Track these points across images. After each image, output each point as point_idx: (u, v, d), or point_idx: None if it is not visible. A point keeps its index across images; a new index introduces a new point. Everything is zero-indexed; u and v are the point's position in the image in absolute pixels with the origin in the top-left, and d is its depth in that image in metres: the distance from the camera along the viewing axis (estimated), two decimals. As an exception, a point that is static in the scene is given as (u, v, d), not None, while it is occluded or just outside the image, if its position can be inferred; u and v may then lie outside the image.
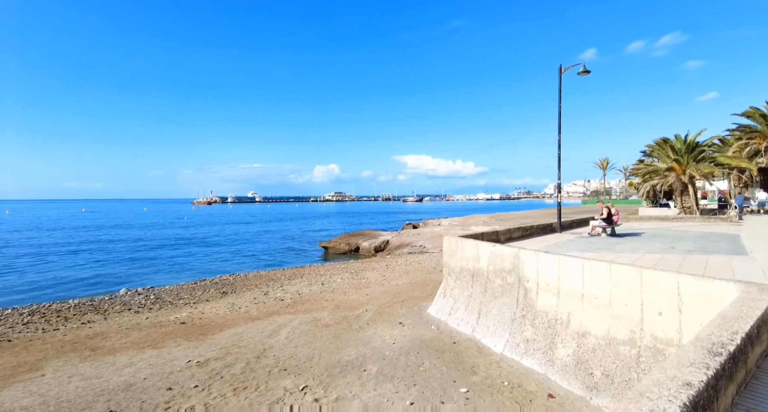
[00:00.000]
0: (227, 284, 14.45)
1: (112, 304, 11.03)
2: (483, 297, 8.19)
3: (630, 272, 5.47)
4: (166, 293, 12.78)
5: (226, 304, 10.81)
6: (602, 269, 5.84)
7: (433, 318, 9.01)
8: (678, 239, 12.58)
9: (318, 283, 13.75)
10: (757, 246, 10.59)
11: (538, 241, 12.08)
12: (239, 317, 9.36)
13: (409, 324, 8.63)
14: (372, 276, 14.79)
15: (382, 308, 9.76)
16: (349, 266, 18.37)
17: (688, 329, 4.80)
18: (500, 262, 7.87)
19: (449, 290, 9.27)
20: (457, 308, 8.73)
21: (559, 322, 6.49)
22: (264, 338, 7.57)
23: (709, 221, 19.06)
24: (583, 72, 13.93)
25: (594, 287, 5.97)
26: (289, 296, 11.70)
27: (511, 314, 7.39)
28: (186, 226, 56.83)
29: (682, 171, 25.04)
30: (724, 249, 10.09)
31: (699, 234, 13.93)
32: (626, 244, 11.28)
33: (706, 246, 10.72)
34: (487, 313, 7.92)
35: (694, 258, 8.70)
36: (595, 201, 67.86)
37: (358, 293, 11.70)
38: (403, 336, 7.89)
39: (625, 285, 5.52)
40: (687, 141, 25.47)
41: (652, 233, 14.53)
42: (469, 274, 8.76)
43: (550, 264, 6.72)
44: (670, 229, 15.99)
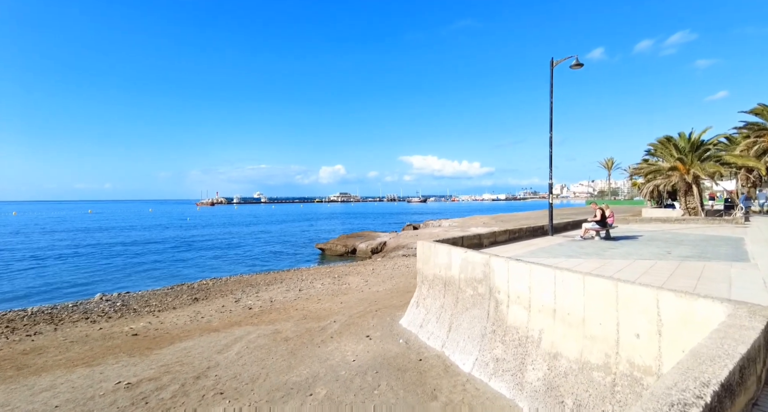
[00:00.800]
0: (203, 290, 13.84)
1: (72, 312, 10.45)
2: (454, 308, 7.47)
3: (605, 286, 4.74)
4: (136, 300, 12.20)
5: (191, 312, 10.19)
6: (575, 281, 5.11)
7: (404, 330, 8.31)
8: (676, 242, 11.76)
9: (296, 289, 13.10)
10: (761, 251, 9.76)
11: (524, 245, 11.33)
12: (198, 327, 8.72)
13: (377, 337, 7.94)
14: (354, 281, 14.11)
15: (352, 319, 9.07)
16: (335, 270, 17.69)
17: (668, 355, 4.06)
18: (471, 270, 7.15)
19: (422, 300, 8.56)
20: (429, 319, 8.02)
21: (530, 340, 5.76)
22: (213, 354, 6.92)
23: (713, 223, 18.15)
24: (576, 65, 13.15)
25: (566, 302, 5.24)
26: (260, 304, 11.06)
27: (481, 329, 6.67)
28: (187, 227, 56.54)
29: (685, 170, 24.10)
30: (725, 255, 9.28)
31: (700, 237, 13.09)
32: (619, 248, 10.50)
33: (706, 251, 9.91)
34: (458, 326, 7.20)
35: (689, 265, 7.92)
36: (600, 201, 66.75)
37: (333, 300, 11.03)
38: (367, 352, 7.20)
39: (600, 301, 4.79)
40: (691, 139, 24.52)
41: (650, 236, 13.71)
42: (441, 282, 8.05)
43: (521, 274, 6.00)
44: (671, 231, 15.14)
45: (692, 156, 23.99)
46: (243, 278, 16.23)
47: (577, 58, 13.15)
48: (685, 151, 24.35)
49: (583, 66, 13.19)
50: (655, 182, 26.88)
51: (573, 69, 13.32)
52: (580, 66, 13.19)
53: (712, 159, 24.53)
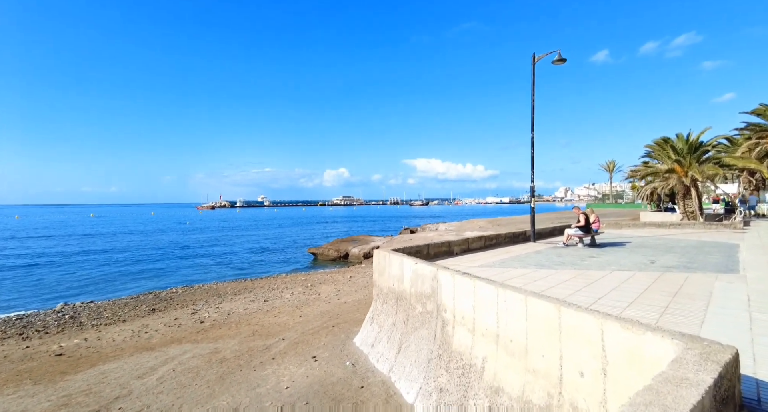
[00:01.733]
0: (166, 299, 13.13)
1: (11, 326, 9.75)
2: (405, 327, 6.69)
3: (547, 310, 3.96)
4: (91, 311, 11.50)
5: (138, 326, 9.47)
6: (517, 303, 4.34)
7: (356, 350, 7.54)
8: (666, 250, 10.92)
9: (261, 300, 12.35)
10: (754, 261, 8.91)
11: (499, 252, 10.53)
12: (134, 345, 8.00)
13: (324, 358, 7.17)
14: (326, 291, 13.35)
15: (304, 336, 8.30)
16: (310, 277, 16.94)
17: (613, 401, 3.27)
18: (421, 283, 6.38)
19: (376, 316, 7.79)
20: (381, 338, 7.25)
21: (473, 369, 4.97)
22: (131, 380, 6.19)
23: (711, 228, 17.25)
24: (558, 60, 12.39)
25: (509, 327, 4.46)
26: (215, 317, 10.32)
27: (428, 352, 5.89)
28: (184, 231, 56.01)
29: (683, 173, 23.18)
30: (714, 264, 8.44)
31: (693, 244, 12.23)
32: (600, 257, 9.68)
33: (694, 260, 9.07)
34: (407, 348, 6.42)
35: (670, 278, 7.10)
36: (601, 205, 65.46)
37: (293, 314, 10.27)
38: (306, 377, 6.43)
39: (542, 328, 4.01)
40: (689, 140, 23.60)
41: (639, 242, 12.86)
42: (394, 297, 7.28)
43: (466, 290, 5.22)
44: (664, 237, 14.28)
45: (690, 158, 23.08)
46: (214, 287, 15.52)
47: (560, 53, 12.39)
48: (683, 153, 23.45)
49: (565, 61, 12.42)
50: (653, 185, 25.97)
51: (555, 65, 12.56)
52: (562, 61, 12.43)
53: (712, 161, 23.60)
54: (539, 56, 12.79)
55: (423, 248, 9.20)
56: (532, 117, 12.91)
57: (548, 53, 12.64)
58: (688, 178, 22.76)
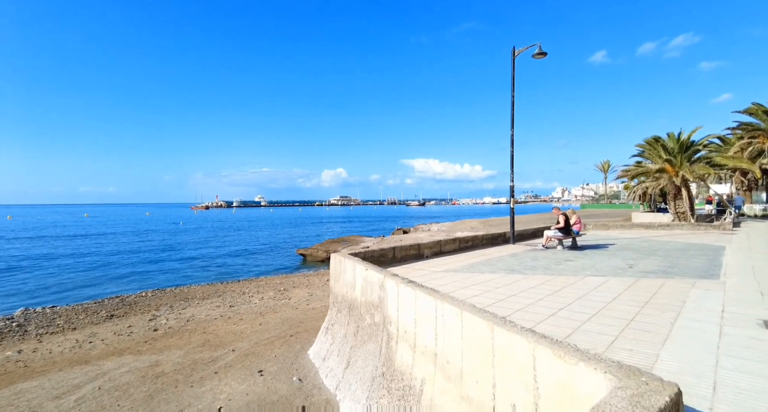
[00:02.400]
0: (129, 304, 12.54)
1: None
2: (355, 339, 6.14)
3: (481, 329, 3.42)
4: (43, 318, 10.89)
5: (85, 335, 8.88)
6: (453, 318, 3.80)
7: (308, 363, 6.98)
8: (648, 253, 10.41)
9: (227, 305, 11.78)
10: (737, 264, 8.40)
11: (473, 255, 10.00)
12: (69, 358, 7.42)
13: (272, 372, 6.61)
14: (297, 295, 12.78)
15: (257, 346, 7.74)
16: (286, 280, 16.38)
17: (544, 443, 2.74)
18: (370, 292, 5.83)
19: (331, 325, 7.24)
20: (332, 351, 6.69)
21: (413, 392, 4.42)
22: (46, 401, 5.62)
23: (700, 229, 16.77)
24: (538, 54, 11.87)
25: (447, 346, 3.92)
26: (172, 324, 9.74)
27: (373, 369, 5.34)
28: (175, 232, 55.23)
29: (674, 172, 22.70)
30: (695, 269, 7.92)
31: (678, 246, 11.73)
32: (577, 260, 9.15)
33: (675, 264, 8.55)
34: (355, 363, 5.87)
35: (645, 284, 6.58)
36: (596, 205, 65.08)
37: (255, 321, 9.70)
38: (246, 394, 5.87)
39: (476, 348, 3.47)
40: (680, 139, 23.14)
41: (623, 244, 12.35)
42: (347, 305, 6.73)
43: (409, 301, 4.68)
44: (650, 239, 13.78)
45: (681, 157, 22.62)
46: (185, 290, 14.93)
47: (540, 47, 11.87)
48: (673, 153, 22.99)
49: (546, 55, 11.91)
50: (644, 185, 25.51)
51: (535, 58, 12.04)
52: (543, 55, 11.91)
53: (703, 161, 23.14)
54: (519, 50, 12.27)
55: (388, 251, 8.65)
56: (512, 114, 12.40)
57: (528, 47, 12.13)
58: (679, 178, 22.29)
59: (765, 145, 28.51)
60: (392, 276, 5.37)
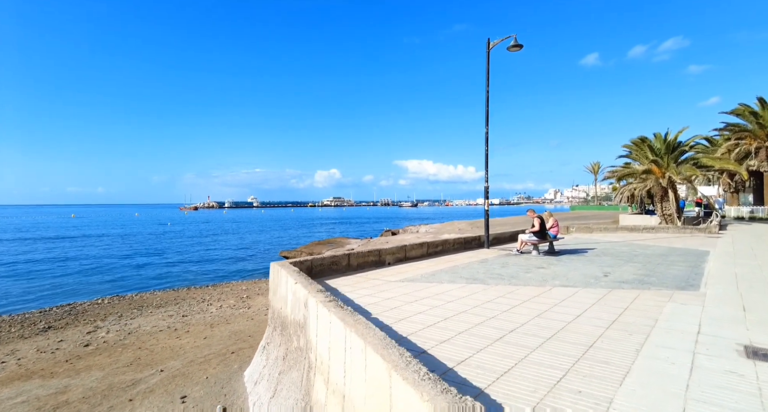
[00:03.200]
0: (77, 313, 11.64)
1: None
2: (283, 364, 5.35)
3: (379, 371, 2.65)
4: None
5: (4, 353, 7.99)
6: (358, 352, 3.03)
7: (240, 387, 6.19)
8: (628, 259, 9.74)
9: (180, 314, 10.93)
10: (720, 272, 7.73)
11: (440, 261, 9.25)
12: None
13: (195, 399, 5.81)
14: (258, 303, 11.96)
15: (191, 366, 6.93)
16: (253, 286, 15.52)
17: None
18: (298, 310, 5.06)
19: (268, 344, 6.44)
20: (264, 375, 5.89)
21: (323, 437, 3.65)
22: None
23: (685, 232, 16.19)
24: (514, 47, 11.18)
25: (353, 387, 3.15)
26: (111, 337, 8.89)
27: (294, 402, 4.55)
28: (160, 235, 53.85)
29: (661, 174, 22.17)
30: (674, 277, 7.24)
31: (660, 251, 11.09)
32: (549, 268, 8.44)
33: (653, 272, 7.87)
34: (280, 392, 5.08)
35: (616, 298, 5.87)
36: (585, 207, 64.80)
37: (201, 334, 8.87)
38: (155, 426, 5.06)
39: (376, 395, 2.71)
40: (667, 140, 22.62)
41: (603, 249, 11.68)
42: (281, 323, 5.94)
43: (324, 325, 3.91)
44: (632, 243, 13.14)
45: (668, 158, 22.09)
46: (143, 297, 14.03)
47: (516, 39, 11.18)
48: (660, 153, 22.46)
49: (522, 47, 11.22)
50: (630, 186, 24.98)
51: (511, 51, 11.34)
52: (518, 48, 11.22)
53: (690, 162, 22.64)
54: (494, 42, 11.57)
55: (342, 258, 7.86)
56: (486, 110, 11.69)
57: (503, 39, 11.43)
58: (665, 179, 21.75)
59: (752, 146, 28.17)
60: (317, 292, 4.60)
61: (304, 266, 6.93)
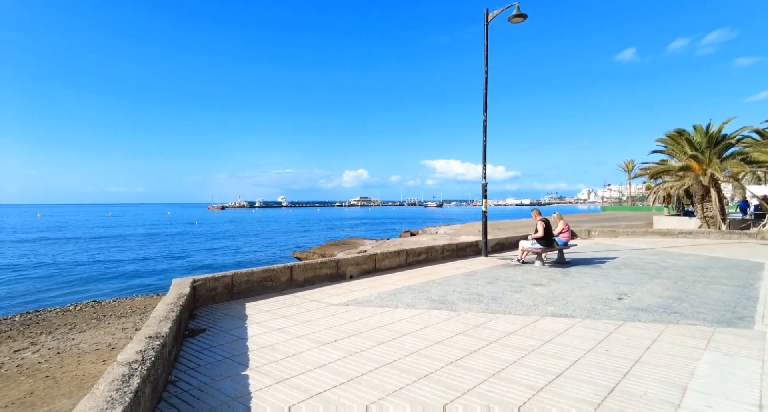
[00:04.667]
0: (33, 323, 10.59)
1: None
2: None
3: None
4: None
5: None
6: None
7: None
8: (654, 273, 7.78)
9: (133, 328, 9.73)
10: (782, 298, 5.73)
11: (417, 274, 7.60)
12: None
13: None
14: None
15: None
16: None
17: None
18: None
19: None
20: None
21: None
22: None
23: (731, 237, 13.79)
24: (516, 17, 9.38)
25: None
26: (30, 359, 7.65)
27: None
28: (185, 233, 54.29)
29: (701, 171, 19.53)
30: (715, 304, 5.33)
31: (697, 263, 9.01)
32: (549, 285, 6.64)
33: (686, 293, 5.95)
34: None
35: (627, 337, 4.08)
36: (618, 208, 60.86)
37: (99, 360, 7.58)
38: None
39: None
40: (709, 132, 19.95)
41: (626, 258, 9.69)
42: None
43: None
44: (664, 251, 11.02)
45: (710, 153, 19.46)
46: (120, 303, 13.00)
47: (518, 8, 9.37)
48: (701, 148, 19.83)
49: (526, 18, 9.40)
50: (665, 185, 22.31)
51: (512, 22, 9.55)
52: (522, 17, 9.41)
53: (737, 157, 19.88)
54: (493, 13, 9.80)
55: (281, 272, 6.31)
56: (485, 93, 9.93)
57: (504, 8, 9.64)
58: (707, 176, 19.12)
59: (812, 139, 24.77)
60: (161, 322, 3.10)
61: (221, 283, 5.48)
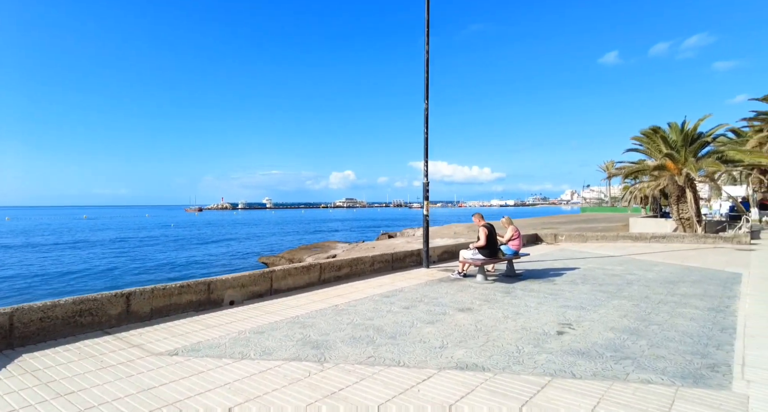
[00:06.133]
0: None
1: None
2: None
3: None
4: None
5: None
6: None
7: None
8: (617, 289, 6.49)
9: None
10: (765, 325, 4.44)
11: (324, 296, 6.17)
12: None
13: None
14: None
15: None
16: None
17: None
18: None
19: None
20: None
21: None
22: None
23: (706, 242, 12.69)
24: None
25: None
26: None
27: None
28: (156, 237, 51.90)
29: (677, 170, 18.55)
30: (679, 340, 4.00)
31: (667, 274, 7.77)
32: (481, 310, 5.27)
33: (645, 322, 4.64)
34: None
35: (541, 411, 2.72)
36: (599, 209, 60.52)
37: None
38: None
39: None
40: (684, 130, 18.99)
41: (587, 269, 8.42)
42: None
43: None
44: (632, 259, 9.81)
45: (685, 152, 18.47)
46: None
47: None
48: (676, 146, 18.85)
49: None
50: (640, 186, 21.38)
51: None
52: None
53: (713, 156, 18.97)
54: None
55: (108, 302, 4.68)
56: (426, 78, 8.57)
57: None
58: (682, 176, 18.14)
59: (788, 138, 24.17)
60: None
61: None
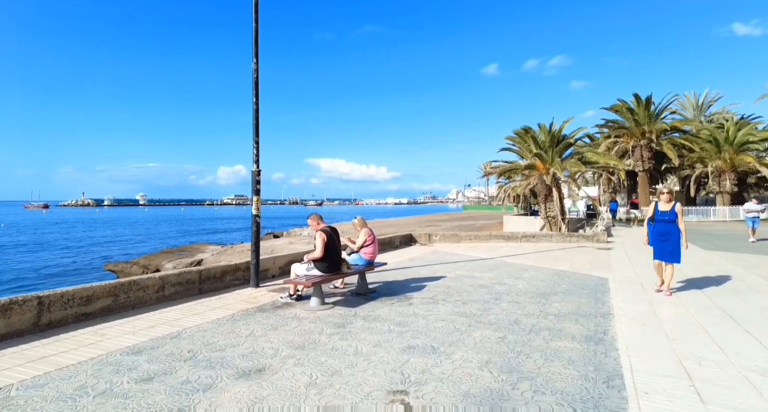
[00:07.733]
0: None
1: None
2: None
3: None
4: None
5: None
6: None
7: None
8: (481, 309, 5.17)
9: None
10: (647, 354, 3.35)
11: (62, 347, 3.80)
12: None
13: None
14: None
15: None
16: None
17: None
18: None
19: None
20: None
21: None
22: None
23: (570, 241, 12.80)
24: None
25: None
26: None
27: None
28: None
29: (545, 170, 19.35)
30: (564, 386, 2.63)
31: (539, 284, 6.84)
32: (284, 369, 3.39)
33: (512, 373, 3.21)
34: None
35: None
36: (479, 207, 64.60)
37: None
38: None
39: None
40: (552, 131, 19.89)
41: (453, 279, 7.18)
42: None
43: None
44: (503, 262, 8.98)
45: (552, 152, 19.28)
46: None
47: None
48: (545, 146, 19.60)
49: None
50: (513, 185, 22.10)
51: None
52: None
53: (574, 157, 20.20)
54: None
55: None
56: (255, 63, 6.45)
57: None
58: (550, 176, 18.88)
59: (629, 144, 27.41)
60: None
61: None
